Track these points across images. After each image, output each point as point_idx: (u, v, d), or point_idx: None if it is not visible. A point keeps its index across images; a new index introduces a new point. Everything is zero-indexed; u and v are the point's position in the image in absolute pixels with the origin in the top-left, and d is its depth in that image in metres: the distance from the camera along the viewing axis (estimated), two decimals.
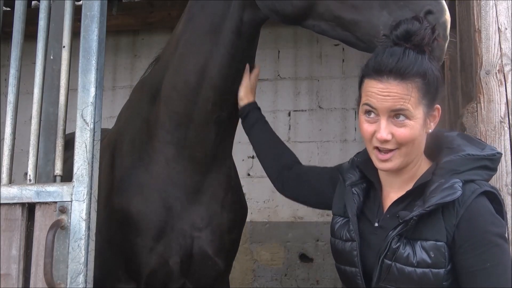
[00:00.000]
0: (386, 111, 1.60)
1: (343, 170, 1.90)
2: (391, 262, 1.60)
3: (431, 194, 1.58)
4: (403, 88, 1.58)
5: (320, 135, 5.65)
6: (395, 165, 1.65)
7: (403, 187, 1.71)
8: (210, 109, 2.23)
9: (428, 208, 1.56)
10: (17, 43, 2.02)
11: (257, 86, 2.37)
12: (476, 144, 1.70)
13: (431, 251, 1.57)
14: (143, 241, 2.30)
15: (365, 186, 1.81)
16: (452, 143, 1.70)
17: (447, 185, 1.58)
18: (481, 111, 2.01)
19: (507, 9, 2.06)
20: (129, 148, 2.42)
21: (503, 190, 1.95)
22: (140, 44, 6.07)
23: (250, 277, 5.54)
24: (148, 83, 2.47)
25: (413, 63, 1.58)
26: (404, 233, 1.60)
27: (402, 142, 1.61)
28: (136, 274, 2.34)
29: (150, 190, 2.32)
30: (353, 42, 1.86)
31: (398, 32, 1.61)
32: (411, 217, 1.57)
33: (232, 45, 2.16)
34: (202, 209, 2.35)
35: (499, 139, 1.99)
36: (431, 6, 1.68)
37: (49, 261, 1.70)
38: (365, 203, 1.80)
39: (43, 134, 1.95)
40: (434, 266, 1.56)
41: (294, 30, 5.67)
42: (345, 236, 1.75)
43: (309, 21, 1.95)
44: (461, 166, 1.62)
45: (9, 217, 1.86)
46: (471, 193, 1.58)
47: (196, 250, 2.34)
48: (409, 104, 1.58)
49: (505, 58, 2.02)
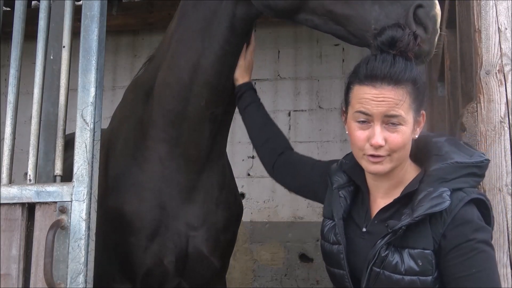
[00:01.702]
0: (380, 117, 1.61)
1: (331, 172, 1.90)
2: (380, 269, 1.62)
3: (419, 203, 1.59)
4: (397, 94, 1.61)
5: (320, 135, 5.66)
6: (385, 169, 1.66)
7: (391, 192, 1.72)
8: (204, 106, 2.22)
9: (417, 218, 1.57)
10: (17, 43, 2.03)
11: (256, 83, 2.37)
12: (464, 150, 1.70)
13: (419, 259, 1.58)
14: (138, 241, 2.29)
15: (352, 189, 1.82)
16: (441, 149, 1.70)
17: (435, 194, 1.58)
18: (481, 111, 2.01)
19: (507, 9, 2.06)
20: (122, 147, 2.41)
21: (503, 190, 1.95)
22: (140, 44, 6.07)
23: (250, 277, 5.54)
24: (141, 82, 2.47)
25: (404, 69, 1.62)
26: (392, 241, 1.61)
27: (394, 148, 1.63)
28: (131, 274, 2.34)
29: (144, 189, 2.32)
30: (345, 36, 1.88)
31: (383, 38, 1.64)
32: (400, 226, 1.58)
33: (225, 41, 2.16)
34: (197, 208, 2.34)
35: (499, 139, 1.99)
36: (421, 1, 1.71)
37: (49, 261, 1.70)
38: (352, 206, 1.81)
39: (43, 134, 1.95)
40: (422, 274, 1.57)
41: (294, 30, 5.67)
42: (332, 239, 1.76)
43: (302, 16, 1.96)
44: (450, 174, 1.63)
45: (9, 217, 1.86)
46: (459, 202, 1.59)
47: (191, 249, 2.33)
48: (402, 110, 1.61)
49: (505, 58, 2.02)
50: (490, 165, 1.91)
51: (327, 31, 1.93)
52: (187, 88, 2.21)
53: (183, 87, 2.21)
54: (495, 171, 1.96)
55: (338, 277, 1.74)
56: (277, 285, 5.48)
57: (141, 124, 2.37)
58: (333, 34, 1.93)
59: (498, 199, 1.93)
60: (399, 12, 1.73)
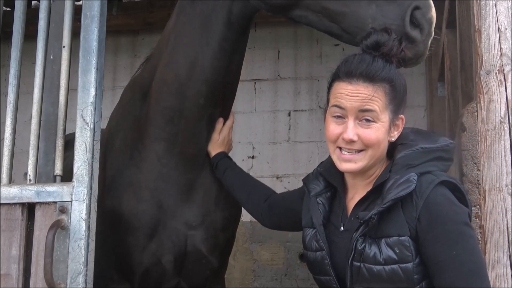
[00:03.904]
0: (354, 112, 1.66)
1: (308, 181, 1.92)
2: (359, 263, 1.62)
3: (388, 191, 1.61)
4: (371, 90, 1.65)
5: (320, 135, 5.65)
6: (358, 167, 1.69)
7: (366, 188, 1.74)
8: (203, 104, 2.22)
9: (385, 205, 1.58)
10: (17, 43, 2.02)
11: (256, 91, 2.37)
12: (430, 137, 1.73)
13: (395, 246, 1.58)
14: (136, 240, 2.29)
15: (329, 195, 1.84)
16: (406, 138, 1.73)
17: (402, 179, 1.61)
18: (481, 111, 2.01)
19: (507, 9, 2.06)
20: (120, 147, 2.41)
21: (503, 190, 1.95)
22: (140, 44, 6.06)
23: (250, 277, 5.53)
24: (139, 81, 2.47)
25: (381, 69, 1.66)
26: (367, 232, 1.62)
27: (367, 144, 1.66)
28: (129, 273, 2.33)
29: (141, 188, 2.31)
30: (338, 33, 1.90)
31: (368, 42, 1.70)
32: (370, 216, 1.59)
33: (223, 37, 2.16)
34: (195, 207, 2.34)
35: (499, 139, 1.99)
36: (418, 2, 1.74)
37: (49, 261, 1.70)
38: (330, 211, 1.82)
39: (43, 134, 1.95)
40: (401, 261, 1.58)
41: (294, 30, 5.67)
42: (315, 246, 1.77)
43: (296, 12, 1.97)
44: (416, 159, 1.66)
45: (9, 217, 1.86)
46: (429, 184, 1.60)
47: (190, 248, 2.33)
48: (376, 106, 1.65)
49: (505, 58, 2.02)
50: (490, 165, 1.92)
51: (320, 28, 1.94)
52: (185, 85, 2.21)
53: (180, 84, 2.21)
54: (495, 171, 1.96)
55: (326, 284, 1.75)
56: (277, 285, 5.48)
57: (138, 123, 2.37)
58: (325, 31, 1.94)
59: (498, 199, 1.93)
60: (396, 12, 1.75)
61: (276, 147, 5.59)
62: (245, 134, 5.54)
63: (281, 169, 5.52)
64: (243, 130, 5.50)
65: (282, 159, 5.53)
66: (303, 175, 2.05)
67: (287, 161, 5.52)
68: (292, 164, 5.49)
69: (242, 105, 5.55)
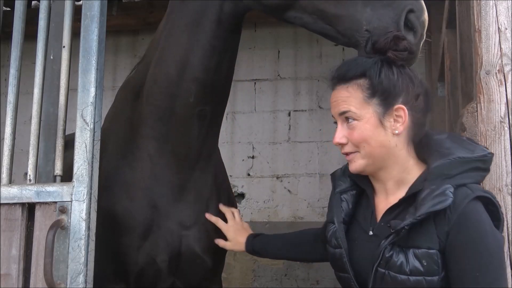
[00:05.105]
0: (338, 116, 1.71)
1: (335, 177, 1.91)
2: (385, 270, 1.60)
3: (422, 202, 1.57)
4: (345, 91, 1.68)
5: (320, 135, 5.65)
6: (359, 166, 1.70)
7: (395, 193, 1.71)
8: (193, 102, 2.21)
9: (419, 217, 1.55)
10: (17, 43, 2.02)
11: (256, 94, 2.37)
12: (467, 146, 1.68)
13: (424, 259, 1.56)
14: (130, 240, 2.28)
15: (355, 193, 1.83)
16: (442, 146, 1.68)
17: (438, 191, 1.56)
18: (481, 111, 2.01)
19: (507, 9, 2.06)
20: (113, 147, 2.40)
21: (503, 190, 1.95)
22: (140, 44, 6.07)
23: (250, 277, 5.54)
24: (132, 82, 2.47)
25: (353, 65, 1.69)
26: (396, 241, 1.60)
27: (354, 143, 1.68)
28: (124, 274, 2.33)
29: (135, 188, 2.31)
30: (333, 36, 1.89)
31: (367, 49, 1.73)
32: (402, 226, 1.57)
33: (213, 36, 2.14)
34: (188, 207, 2.33)
35: (499, 139, 1.99)
36: (412, 6, 1.76)
37: (49, 261, 1.70)
38: (357, 209, 1.81)
39: (43, 134, 1.95)
40: (428, 274, 1.56)
41: (294, 30, 5.67)
42: (334, 243, 1.77)
43: (291, 13, 1.96)
44: (452, 169, 1.61)
45: (9, 217, 1.86)
46: (464, 199, 1.56)
47: (184, 248, 2.32)
48: (351, 106, 1.66)
49: (505, 58, 2.02)
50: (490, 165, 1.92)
51: (315, 29, 1.93)
52: (175, 84, 2.20)
53: (171, 83, 2.20)
54: (495, 171, 1.96)
55: (345, 281, 1.73)
56: (277, 285, 5.48)
57: (131, 122, 2.37)
58: (320, 33, 1.93)
59: (498, 199, 1.93)
60: (391, 16, 1.75)
61: (276, 147, 5.59)
62: (245, 134, 5.54)
63: (281, 169, 5.52)
64: (243, 130, 5.50)
65: (282, 159, 5.54)
66: (303, 175, 2.05)
67: (287, 161, 5.53)
68: (292, 164, 5.50)
69: (242, 105, 5.55)
